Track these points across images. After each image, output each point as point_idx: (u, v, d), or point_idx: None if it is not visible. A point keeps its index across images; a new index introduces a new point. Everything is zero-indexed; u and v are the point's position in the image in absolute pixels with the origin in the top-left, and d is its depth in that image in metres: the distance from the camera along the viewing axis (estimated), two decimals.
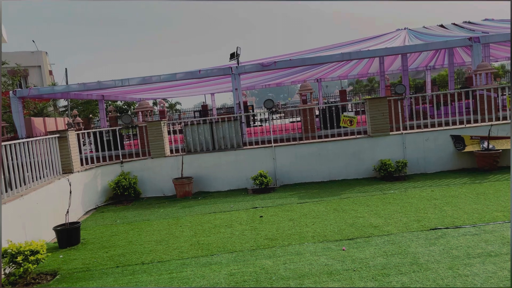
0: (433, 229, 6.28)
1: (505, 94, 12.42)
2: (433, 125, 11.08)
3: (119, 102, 31.62)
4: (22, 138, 10.95)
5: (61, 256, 6.70)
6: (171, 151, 11.63)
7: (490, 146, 10.07)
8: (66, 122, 20.76)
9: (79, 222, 7.68)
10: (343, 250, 5.78)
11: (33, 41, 35.60)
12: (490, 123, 10.49)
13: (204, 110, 27.34)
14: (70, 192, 7.85)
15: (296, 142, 11.15)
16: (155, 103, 33.87)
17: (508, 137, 10.11)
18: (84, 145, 12.53)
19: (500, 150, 9.92)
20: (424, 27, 18.91)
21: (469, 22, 18.38)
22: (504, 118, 10.92)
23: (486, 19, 18.68)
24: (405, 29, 18.87)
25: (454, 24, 18.41)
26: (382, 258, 5.33)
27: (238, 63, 14.04)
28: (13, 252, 5.53)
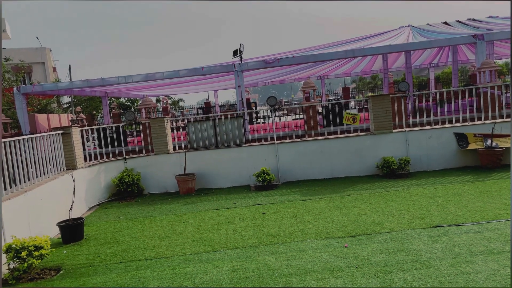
0: (435, 227, 6.28)
1: (509, 92, 12.37)
2: (436, 123, 11.06)
3: (122, 99, 31.66)
4: (26, 135, 11.00)
5: (64, 252, 6.74)
6: (174, 147, 11.67)
7: (494, 144, 10.04)
8: (70, 119, 20.83)
9: (82, 218, 7.73)
10: (346, 247, 5.79)
11: (37, 38, 35.68)
12: (493, 121, 10.45)
13: (207, 107, 27.36)
14: (74, 188, 7.90)
15: (298, 139, 11.15)
16: (158, 100, 33.90)
17: (511, 135, 10.08)
18: (87, 141, 12.57)
19: (504, 148, 9.90)
20: (428, 24, 18.84)
21: (473, 19, 18.30)
22: (508, 116, 10.88)
23: (490, 17, 18.59)
24: (408, 26, 18.82)
25: (458, 21, 18.33)
26: (384, 255, 5.35)
27: (241, 60, 14.03)
28: (18, 248, 5.58)
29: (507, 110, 11.02)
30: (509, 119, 10.57)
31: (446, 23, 18.37)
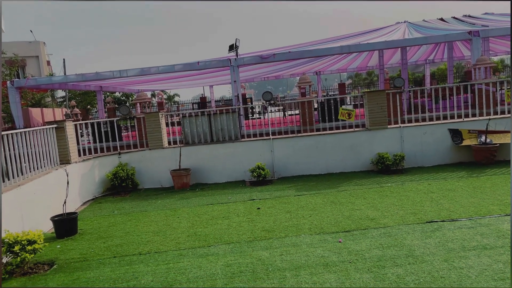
0: (429, 222, 6.31)
1: (503, 89, 12.42)
2: (431, 119, 11.08)
3: (117, 94, 31.52)
4: (20, 129, 10.91)
5: (58, 246, 6.71)
6: (169, 142, 11.62)
7: (488, 140, 10.09)
8: (64, 113, 20.71)
9: (76, 213, 7.70)
10: (340, 242, 5.80)
11: (31, 31, 35.36)
12: (488, 117, 10.49)
13: (202, 102, 27.28)
14: (68, 183, 7.85)
15: (294, 135, 11.14)
16: (153, 95, 33.77)
17: (506, 131, 10.13)
18: (82, 136, 12.50)
19: (498, 144, 9.95)
20: (424, 20, 18.85)
21: (469, 16, 18.32)
22: (502, 112, 10.93)
23: (486, 13, 18.62)
24: (404, 22, 18.81)
25: (454, 17, 18.35)
26: (378, 250, 5.36)
27: (237, 55, 13.99)
28: (10, 242, 5.55)
29: (501, 107, 11.07)
30: (503, 116, 10.61)
31: (442, 19, 18.38)
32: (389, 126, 10.76)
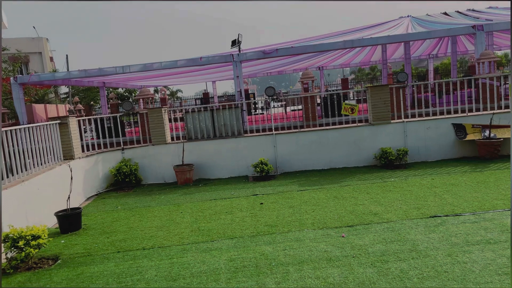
0: (432, 217, 6.30)
1: (507, 83, 12.35)
2: (434, 114, 11.04)
3: (120, 89, 31.53)
4: (23, 124, 10.95)
5: (62, 241, 6.75)
6: (172, 138, 11.64)
7: (492, 135, 10.04)
8: (68, 109, 20.77)
9: (80, 208, 7.72)
10: (343, 237, 5.81)
11: (34, 27, 35.39)
12: (492, 111, 10.44)
13: (205, 98, 27.28)
14: (71, 178, 7.88)
15: (297, 130, 11.12)
16: (156, 91, 33.77)
17: (510, 126, 10.07)
18: (85, 132, 12.54)
19: (502, 139, 9.90)
20: (427, 14, 18.74)
21: (473, 10, 18.20)
22: (506, 107, 10.87)
23: (490, 7, 18.49)
24: (408, 16, 18.71)
25: (457, 11, 18.23)
26: (381, 245, 5.36)
27: (239, 50, 13.96)
28: (15, 237, 5.58)
29: (505, 101, 11.00)
30: (507, 110, 10.56)
31: (445, 13, 18.27)
32: (392, 121, 10.73)
